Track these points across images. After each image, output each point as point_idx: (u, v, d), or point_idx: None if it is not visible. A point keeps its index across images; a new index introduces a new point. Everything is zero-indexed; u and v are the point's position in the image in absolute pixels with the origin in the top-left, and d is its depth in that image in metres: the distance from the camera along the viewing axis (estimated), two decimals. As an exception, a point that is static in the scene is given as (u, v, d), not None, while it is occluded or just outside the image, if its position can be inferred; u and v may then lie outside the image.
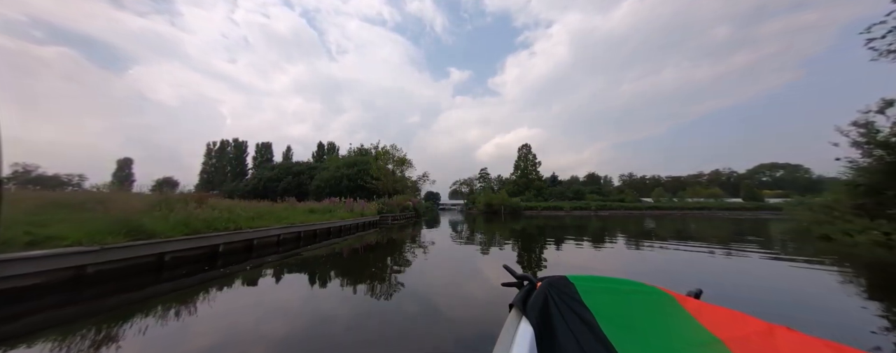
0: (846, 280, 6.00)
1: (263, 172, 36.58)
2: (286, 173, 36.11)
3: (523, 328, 1.16)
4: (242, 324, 3.61)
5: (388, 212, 24.05)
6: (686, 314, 1.32)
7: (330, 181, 34.72)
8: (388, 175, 28.66)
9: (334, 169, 36.33)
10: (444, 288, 5.48)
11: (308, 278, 6.32)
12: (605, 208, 47.96)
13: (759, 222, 24.02)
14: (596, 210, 46.49)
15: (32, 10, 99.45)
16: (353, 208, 17.85)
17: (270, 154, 63.67)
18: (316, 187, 34.23)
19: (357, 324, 3.65)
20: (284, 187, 33.20)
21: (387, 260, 8.31)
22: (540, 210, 46.99)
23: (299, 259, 8.34)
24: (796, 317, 3.89)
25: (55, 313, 3.91)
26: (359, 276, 6.48)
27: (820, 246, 10.22)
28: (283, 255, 8.63)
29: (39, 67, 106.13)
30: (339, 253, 9.60)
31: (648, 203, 53.08)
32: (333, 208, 15.35)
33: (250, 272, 6.40)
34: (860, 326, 3.62)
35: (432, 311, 4.15)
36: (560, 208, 47.13)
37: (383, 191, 28.85)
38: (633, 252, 9.41)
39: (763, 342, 1.03)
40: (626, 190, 66.84)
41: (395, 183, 29.35)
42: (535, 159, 66.16)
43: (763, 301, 4.53)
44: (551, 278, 1.59)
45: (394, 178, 29.63)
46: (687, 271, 6.79)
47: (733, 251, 9.19)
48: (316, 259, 8.45)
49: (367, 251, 9.95)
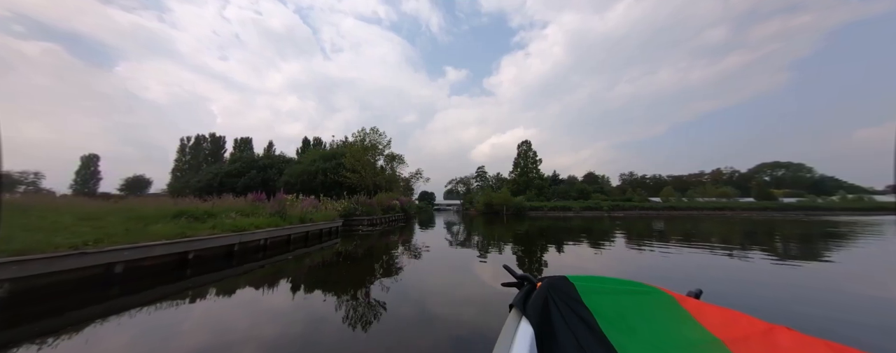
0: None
1: (221, 167, 29.81)
2: (249, 167, 29.43)
3: (523, 328, 1.10)
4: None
5: (364, 214, 17.53)
6: (686, 314, 1.26)
7: (302, 176, 28.14)
8: (368, 167, 22.01)
9: (309, 163, 29.77)
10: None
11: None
12: (618, 208, 41.87)
13: (813, 225, 19.73)
14: (609, 211, 40.38)
15: (13, 4, 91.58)
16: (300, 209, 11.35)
17: (250, 150, 56.72)
18: (285, 182, 27.63)
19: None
20: (246, 182, 26.65)
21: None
22: (546, 211, 40.83)
23: None
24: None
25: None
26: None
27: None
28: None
29: (21, 63, 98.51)
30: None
31: (662, 203, 46.98)
32: (250, 210, 8.86)
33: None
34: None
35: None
36: (568, 209, 40.99)
37: (363, 187, 22.33)
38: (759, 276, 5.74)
39: (763, 342, 1.00)
40: (635, 190, 60.90)
41: (376, 177, 22.78)
42: (536, 157, 60.67)
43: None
44: (551, 279, 1.49)
45: (375, 170, 22.99)
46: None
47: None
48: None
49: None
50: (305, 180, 27.91)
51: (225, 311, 3.96)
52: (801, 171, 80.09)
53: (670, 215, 36.31)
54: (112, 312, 3.71)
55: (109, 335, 3.21)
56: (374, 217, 17.99)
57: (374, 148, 23.10)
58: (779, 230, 16.03)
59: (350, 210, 16.86)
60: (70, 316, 3.57)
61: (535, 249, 9.62)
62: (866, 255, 8.40)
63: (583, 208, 41.13)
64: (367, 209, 18.17)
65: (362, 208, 17.87)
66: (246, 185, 26.33)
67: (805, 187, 69.84)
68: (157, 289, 4.63)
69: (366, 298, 4.41)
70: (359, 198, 18.98)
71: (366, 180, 21.77)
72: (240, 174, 28.50)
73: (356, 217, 16.87)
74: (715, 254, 8.20)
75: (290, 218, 9.41)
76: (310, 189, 24.28)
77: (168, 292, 4.53)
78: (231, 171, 29.18)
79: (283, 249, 8.38)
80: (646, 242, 11.02)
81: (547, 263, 7.39)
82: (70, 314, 3.64)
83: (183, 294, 4.47)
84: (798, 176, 78.30)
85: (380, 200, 20.51)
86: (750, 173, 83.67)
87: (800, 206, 45.32)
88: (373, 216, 17.98)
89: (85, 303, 3.96)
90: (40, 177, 53.34)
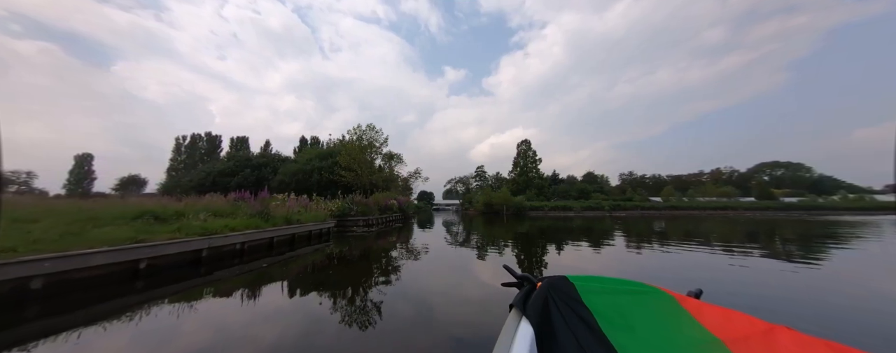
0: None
1: (215, 165, 28.75)
2: (244, 166, 28.38)
3: (523, 328, 1.09)
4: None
5: (359, 214, 16.61)
6: (686, 314, 1.25)
7: (297, 175, 27.20)
8: (365, 165, 21.04)
9: (304, 162, 28.83)
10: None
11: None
12: (619, 208, 41.02)
13: (815, 224, 19.00)
14: (610, 211, 39.53)
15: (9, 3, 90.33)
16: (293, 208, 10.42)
17: (247, 149, 55.65)
18: (279, 182, 26.68)
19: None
20: (239, 181, 25.67)
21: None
22: (546, 211, 39.94)
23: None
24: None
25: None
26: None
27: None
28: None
29: (18, 63, 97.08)
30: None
31: (663, 203, 46.13)
32: (230, 210, 7.91)
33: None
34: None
35: None
36: (569, 209, 40.12)
37: (359, 186, 21.41)
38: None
39: (763, 342, 0.99)
40: (635, 189, 60.03)
41: (373, 176, 21.84)
42: (536, 156, 59.78)
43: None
44: (551, 279, 1.47)
45: (371, 169, 22.03)
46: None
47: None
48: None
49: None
50: (300, 179, 26.97)
51: (170, 331, 3.05)
52: (801, 171, 79.93)
53: (672, 215, 35.58)
54: (8, 343, 2.78)
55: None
56: (369, 218, 17.08)
57: (370, 146, 22.14)
58: (782, 230, 15.48)
59: (344, 210, 15.95)
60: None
61: (537, 249, 9.32)
62: (870, 255, 8.36)
63: (584, 207, 40.26)
64: (362, 209, 17.26)
65: (358, 208, 16.95)
66: (239, 184, 25.33)
67: (804, 186, 69.49)
68: (90, 308, 3.71)
69: (356, 309, 3.52)
70: (354, 197, 18.05)
71: (362, 178, 20.81)
72: (233, 173, 27.47)
73: (351, 218, 15.95)
74: (716, 254, 8.11)
75: (275, 219, 8.47)
76: (305, 189, 23.35)
77: (102, 312, 3.61)
78: (225, 169, 28.12)
79: (264, 253, 7.45)
80: (648, 242, 10.79)
81: (548, 264, 7.17)
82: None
83: (120, 313, 3.55)
84: (797, 176, 78.13)
85: (376, 199, 19.59)
86: (749, 173, 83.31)
87: (801, 205, 44.63)
88: (369, 217, 17.07)
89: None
90: (33, 176, 52.28)
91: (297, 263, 6.94)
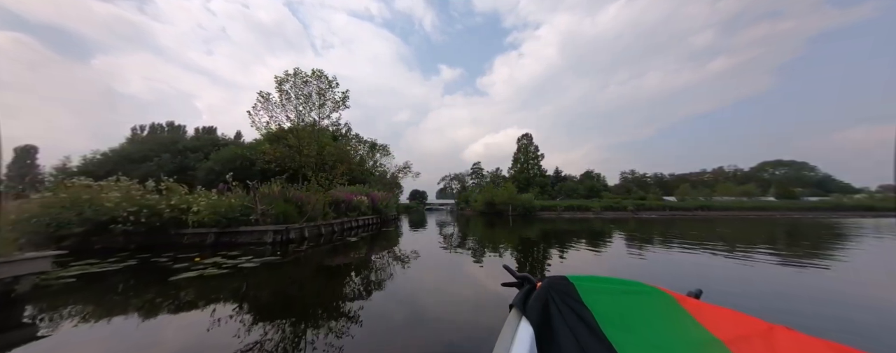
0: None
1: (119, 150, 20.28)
2: (161, 149, 19.99)
3: (523, 328, 1.06)
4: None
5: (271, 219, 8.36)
6: (686, 314, 1.19)
7: (235, 162, 18.81)
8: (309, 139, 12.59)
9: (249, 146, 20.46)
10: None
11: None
12: (643, 208, 33.33)
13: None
14: (634, 211, 31.82)
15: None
16: None
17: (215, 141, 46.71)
18: (208, 169, 18.23)
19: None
20: (149, 169, 17.39)
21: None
22: (560, 211, 32.08)
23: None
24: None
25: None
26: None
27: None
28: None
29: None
30: None
31: (679, 202, 38.30)
32: None
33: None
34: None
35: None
36: (587, 209, 32.30)
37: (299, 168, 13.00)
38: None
39: (763, 342, 0.96)
40: (642, 188, 52.51)
41: (328, 158, 13.54)
42: (538, 152, 52.15)
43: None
44: (551, 279, 1.39)
45: (328, 149, 13.72)
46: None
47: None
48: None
49: None
50: (239, 166, 18.55)
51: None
52: (804, 169, 74.40)
53: (706, 217, 28.14)
54: None
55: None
56: (288, 227, 8.84)
57: (319, 106, 13.76)
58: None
59: (230, 213, 7.69)
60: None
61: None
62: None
63: (603, 207, 32.47)
64: (285, 210, 9.02)
65: (272, 209, 8.70)
66: (148, 172, 17.08)
67: (809, 185, 63.75)
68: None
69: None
70: (272, 188, 9.79)
71: (308, 162, 12.53)
72: (143, 159, 19.15)
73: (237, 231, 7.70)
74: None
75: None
76: (247, 177, 15.02)
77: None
78: (130, 154, 19.76)
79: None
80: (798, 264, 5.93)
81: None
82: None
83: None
84: (802, 175, 72.52)
85: (319, 198, 11.30)
86: (751, 172, 77.37)
87: (822, 205, 36.88)
88: (287, 225, 8.83)
89: None
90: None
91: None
